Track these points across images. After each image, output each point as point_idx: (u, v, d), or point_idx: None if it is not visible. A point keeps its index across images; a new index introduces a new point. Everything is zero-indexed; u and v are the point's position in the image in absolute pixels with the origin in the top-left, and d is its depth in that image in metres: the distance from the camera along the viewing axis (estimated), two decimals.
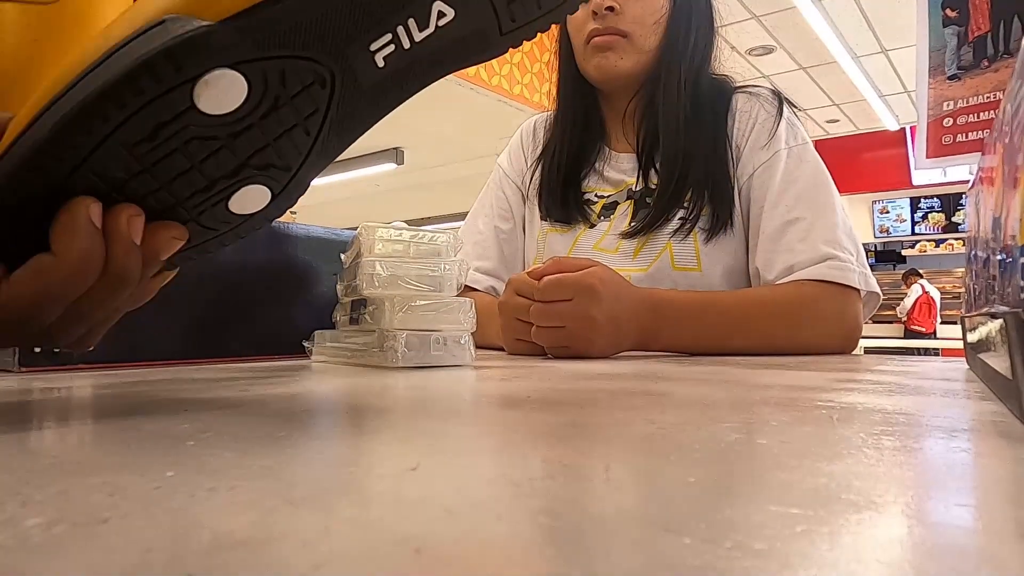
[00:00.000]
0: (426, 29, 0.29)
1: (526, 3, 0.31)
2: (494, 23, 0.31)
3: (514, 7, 0.31)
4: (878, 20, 4.16)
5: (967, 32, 0.53)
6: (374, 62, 0.28)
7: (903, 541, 0.12)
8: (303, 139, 0.28)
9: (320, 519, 0.13)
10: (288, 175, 0.28)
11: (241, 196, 0.27)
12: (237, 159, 0.26)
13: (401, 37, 0.28)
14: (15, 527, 0.12)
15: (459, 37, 0.30)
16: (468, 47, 0.31)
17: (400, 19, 0.28)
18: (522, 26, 0.32)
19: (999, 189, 0.28)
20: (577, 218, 0.91)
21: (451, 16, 0.29)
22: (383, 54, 0.28)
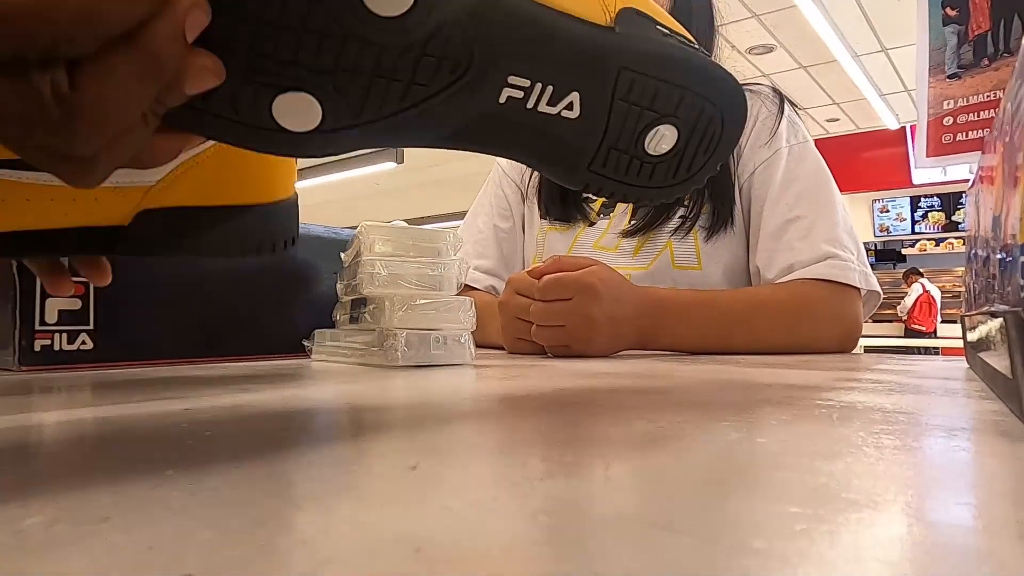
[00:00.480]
0: (551, 107, 0.29)
1: (621, 163, 0.31)
2: (590, 154, 0.31)
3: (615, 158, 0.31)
4: (878, 19, 4.16)
5: (967, 31, 0.53)
6: (498, 92, 0.28)
7: (903, 540, 0.12)
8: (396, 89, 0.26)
9: (320, 518, 0.13)
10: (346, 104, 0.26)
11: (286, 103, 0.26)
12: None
13: (533, 94, 0.28)
14: (15, 526, 0.12)
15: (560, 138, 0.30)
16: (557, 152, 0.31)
17: (548, 80, 0.28)
18: (605, 177, 0.32)
19: (999, 188, 0.28)
20: (576, 216, 0.91)
21: (575, 115, 0.29)
22: (509, 94, 0.28)
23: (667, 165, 0.32)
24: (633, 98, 0.30)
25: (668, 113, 0.30)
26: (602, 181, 0.32)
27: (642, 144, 0.31)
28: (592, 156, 0.31)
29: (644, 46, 0.29)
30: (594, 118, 0.30)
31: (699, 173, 0.34)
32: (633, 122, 0.30)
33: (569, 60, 0.28)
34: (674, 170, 0.33)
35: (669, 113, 0.30)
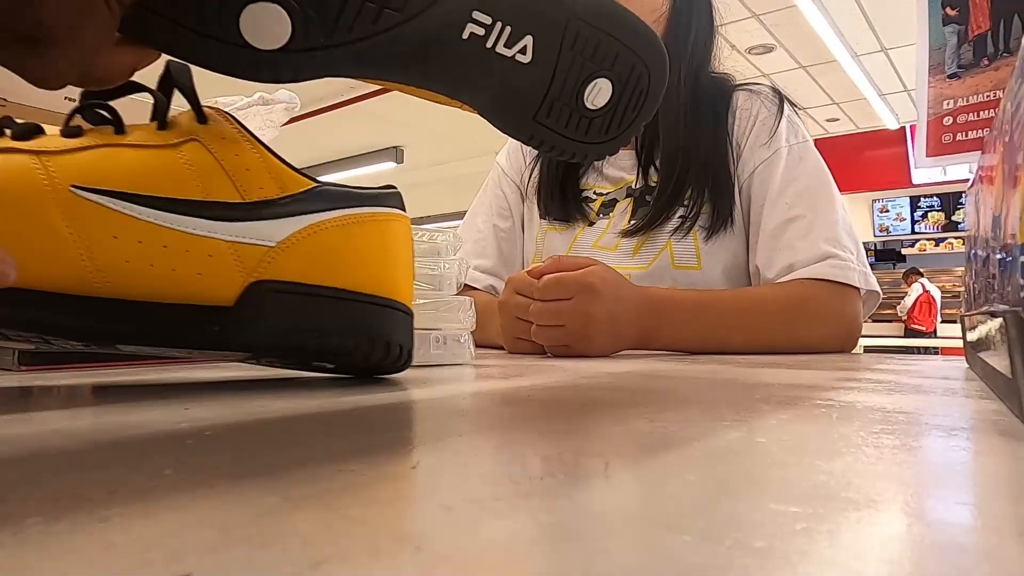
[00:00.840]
0: (507, 48, 0.31)
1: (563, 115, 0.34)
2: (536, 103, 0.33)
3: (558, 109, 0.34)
4: (878, 19, 4.16)
5: (967, 30, 0.53)
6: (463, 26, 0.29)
7: (903, 539, 0.12)
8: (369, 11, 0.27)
9: (320, 517, 0.13)
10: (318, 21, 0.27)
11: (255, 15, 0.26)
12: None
13: (493, 33, 0.30)
14: (15, 525, 0.12)
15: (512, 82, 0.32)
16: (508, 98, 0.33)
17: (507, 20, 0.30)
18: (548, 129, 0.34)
19: (999, 188, 0.28)
20: (576, 216, 0.91)
21: (527, 59, 0.32)
22: (472, 30, 0.30)
23: (601, 120, 0.35)
24: (578, 48, 0.32)
25: (606, 67, 0.33)
26: (545, 133, 0.34)
27: (581, 98, 0.33)
28: (538, 105, 0.33)
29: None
30: (543, 64, 0.32)
31: (628, 130, 0.36)
32: (576, 72, 0.33)
33: (528, 3, 0.31)
34: (607, 126, 0.35)
35: (606, 68, 0.33)
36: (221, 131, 0.31)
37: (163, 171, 0.29)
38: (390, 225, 0.35)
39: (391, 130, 4.57)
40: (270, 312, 0.31)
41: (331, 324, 0.32)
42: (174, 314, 0.30)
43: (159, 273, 0.29)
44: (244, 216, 0.30)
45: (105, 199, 0.28)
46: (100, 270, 0.28)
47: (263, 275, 0.31)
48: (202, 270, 0.30)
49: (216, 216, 0.30)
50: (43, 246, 0.27)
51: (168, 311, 0.30)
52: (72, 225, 0.27)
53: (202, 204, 0.30)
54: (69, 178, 0.28)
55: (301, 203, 0.32)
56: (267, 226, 0.31)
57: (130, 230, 0.28)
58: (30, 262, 0.27)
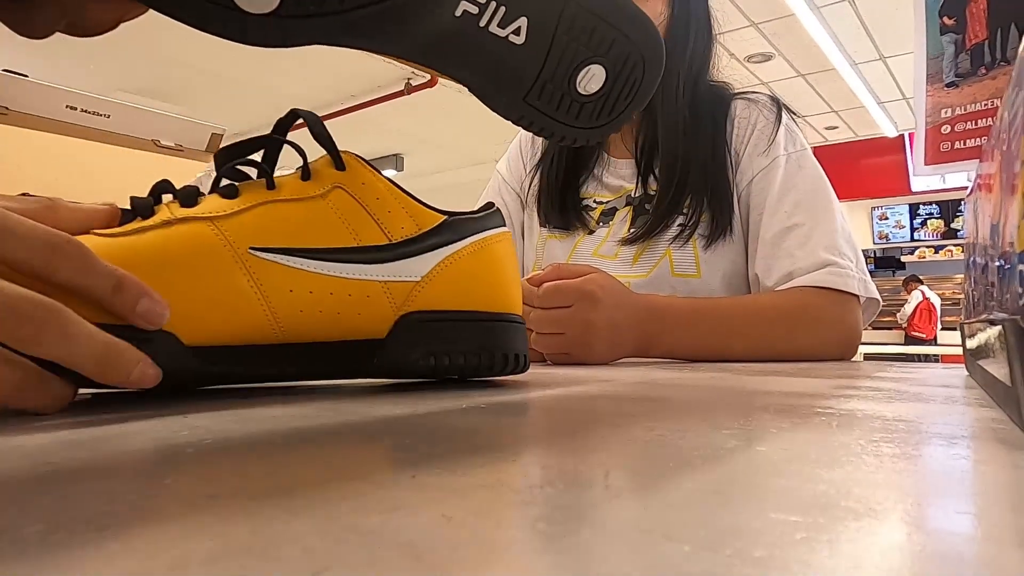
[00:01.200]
0: (501, 28, 0.31)
1: (554, 98, 0.34)
2: (528, 84, 0.33)
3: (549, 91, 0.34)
4: (876, 28, 4.18)
5: (964, 40, 0.53)
6: (456, 4, 0.29)
7: (903, 548, 0.12)
8: None
9: (320, 526, 0.13)
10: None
11: None
12: None
13: (487, 12, 0.30)
14: (13, 534, 0.12)
15: (504, 62, 0.32)
16: (499, 77, 0.33)
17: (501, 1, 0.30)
18: (538, 111, 0.34)
19: (997, 196, 0.28)
20: (576, 224, 0.91)
21: (521, 40, 0.31)
22: (465, 8, 0.30)
23: (593, 106, 0.35)
24: (573, 33, 0.32)
25: (600, 53, 0.33)
26: (534, 114, 0.35)
27: (574, 82, 0.34)
28: (529, 87, 0.33)
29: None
30: (537, 46, 0.32)
31: (619, 118, 0.36)
32: (570, 57, 0.33)
33: None
34: (598, 112, 0.35)
35: (601, 54, 0.33)
36: (360, 176, 0.35)
37: (319, 223, 0.33)
38: (501, 245, 0.39)
39: (391, 138, 4.59)
40: (419, 340, 0.35)
41: (468, 345, 0.36)
42: (338, 351, 0.33)
43: (326, 317, 0.32)
44: (392, 257, 0.34)
45: (280, 257, 0.31)
46: (279, 321, 0.31)
47: (411, 307, 0.34)
48: (361, 310, 0.33)
49: (369, 260, 0.33)
50: (235, 305, 0.30)
51: (332, 349, 0.33)
52: (255, 284, 0.31)
53: (357, 250, 0.33)
54: (246, 240, 0.31)
55: (436, 237, 0.36)
56: (412, 263, 0.34)
57: (303, 283, 0.32)
58: (224, 321, 0.30)
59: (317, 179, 0.34)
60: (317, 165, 0.35)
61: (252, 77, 3.48)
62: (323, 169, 0.34)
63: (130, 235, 0.30)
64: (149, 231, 0.30)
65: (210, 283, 0.30)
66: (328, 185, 0.34)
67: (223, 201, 0.32)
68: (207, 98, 3.86)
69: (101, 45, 3.05)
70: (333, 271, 0.32)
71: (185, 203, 0.32)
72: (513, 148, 1.04)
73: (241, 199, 0.32)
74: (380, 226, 0.34)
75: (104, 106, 0.79)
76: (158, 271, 0.29)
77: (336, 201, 0.34)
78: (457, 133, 4.37)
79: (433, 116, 3.93)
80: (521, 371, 0.40)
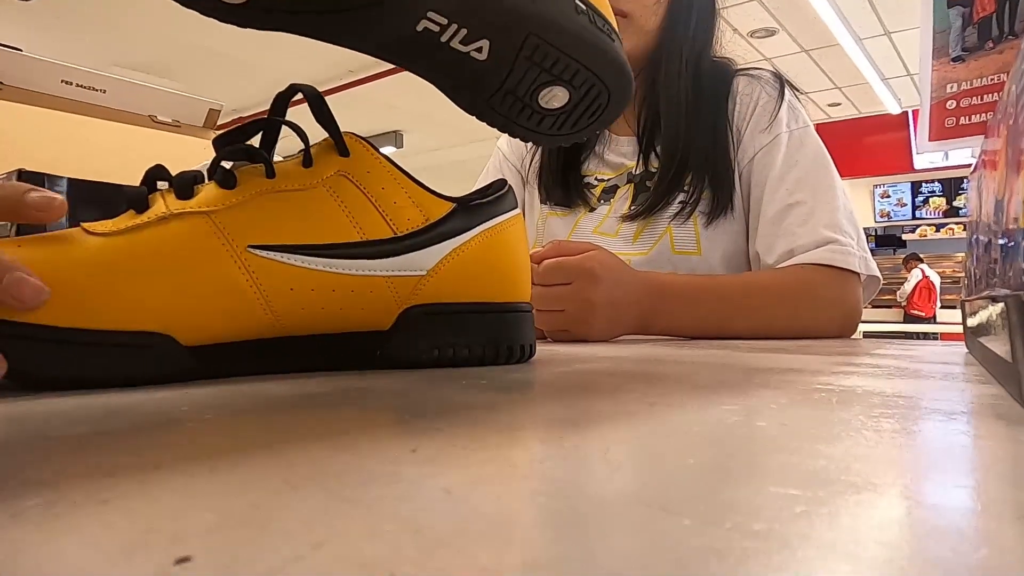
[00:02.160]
0: (463, 46, 0.31)
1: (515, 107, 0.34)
2: (491, 91, 0.34)
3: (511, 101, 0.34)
4: (882, 2, 4.12)
5: (972, 13, 0.52)
6: (416, 22, 0.30)
7: (902, 522, 0.12)
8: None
9: (320, 500, 0.13)
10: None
11: None
12: None
13: (448, 31, 0.30)
14: (14, 507, 0.12)
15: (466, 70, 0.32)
16: (460, 83, 0.34)
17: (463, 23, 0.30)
18: (499, 113, 0.35)
19: (1002, 172, 0.28)
20: (577, 201, 0.91)
21: (483, 57, 0.32)
22: (426, 26, 0.30)
23: (555, 118, 0.35)
24: (536, 59, 0.32)
25: (564, 79, 0.33)
26: (494, 115, 0.35)
27: (536, 97, 0.34)
28: (492, 93, 0.34)
29: (555, 19, 0.31)
30: (499, 65, 0.32)
31: (583, 131, 0.37)
32: (532, 77, 0.33)
33: (486, 14, 0.30)
34: (560, 124, 0.36)
35: (565, 80, 0.33)
36: (364, 163, 0.33)
37: (321, 216, 0.32)
38: (512, 231, 0.38)
39: (391, 115, 4.55)
40: (423, 333, 0.34)
41: (475, 337, 0.36)
42: (340, 344, 0.33)
43: (328, 313, 0.32)
44: (398, 250, 0.33)
45: (280, 255, 0.30)
46: (278, 318, 0.31)
47: (416, 300, 0.34)
48: (364, 306, 0.33)
49: (374, 254, 0.33)
50: (233, 305, 0.30)
51: (334, 341, 0.33)
52: (254, 282, 0.30)
53: (361, 244, 0.32)
54: (244, 237, 0.30)
55: (443, 228, 0.35)
56: (418, 257, 0.34)
57: (304, 280, 0.31)
58: (223, 321, 0.30)
59: (319, 165, 0.33)
60: (319, 149, 0.33)
61: (249, 53, 3.44)
62: (325, 154, 0.33)
63: (125, 233, 0.29)
64: (144, 229, 0.29)
65: (208, 283, 0.29)
66: (331, 172, 0.33)
67: (221, 192, 0.31)
68: (204, 74, 3.83)
69: (97, 20, 3.01)
70: (335, 268, 0.31)
71: (181, 194, 0.31)
72: None
73: (239, 189, 0.31)
74: (385, 218, 0.33)
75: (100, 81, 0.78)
76: (154, 272, 0.28)
77: (339, 190, 0.32)
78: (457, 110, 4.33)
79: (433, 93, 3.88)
80: (527, 359, 0.39)
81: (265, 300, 0.30)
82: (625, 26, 0.83)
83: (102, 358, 0.27)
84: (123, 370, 0.28)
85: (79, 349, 0.27)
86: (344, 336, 0.33)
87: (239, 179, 0.31)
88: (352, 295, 0.32)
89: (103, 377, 0.28)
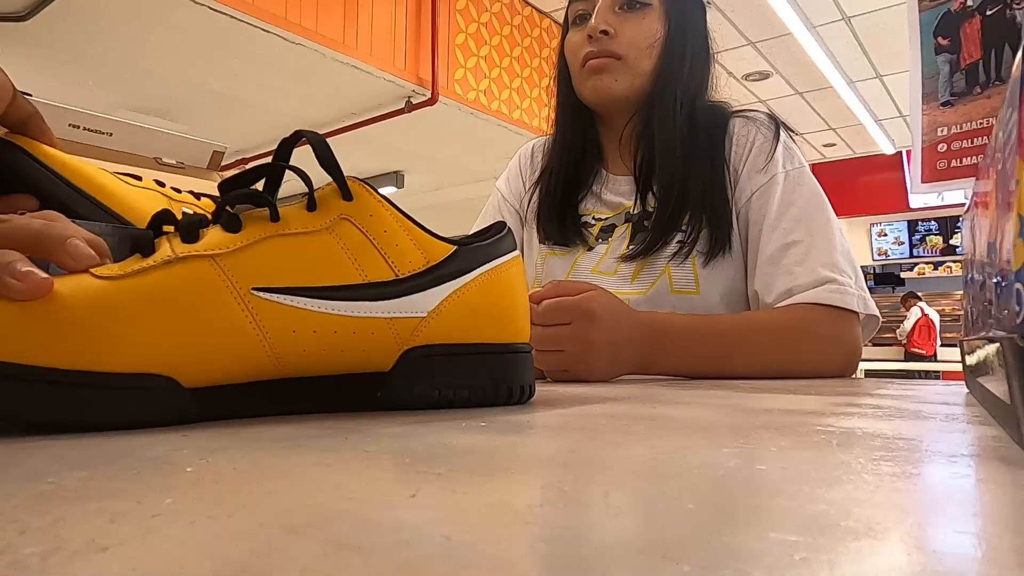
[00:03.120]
0: None
1: None
2: None
3: None
4: (872, 46, 4.22)
5: (959, 59, 0.53)
6: None
7: (902, 569, 0.12)
8: None
9: (319, 546, 0.13)
10: None
11: None
12: None
13: None
14: (13, 555, 0.12)
15: None
16: None
17: None
18: None
19: (993, 214, 0.28)
20: (575, 241, 0.91)
21: None
22: None
23: None
24: None
25: None
26: None
27: None
28: None
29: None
30: None
31: None
32: None
33: None
34: None
35: None
36: (367, 207, 0.34)
37: (325, 260, 0.32)
38: (511, 272, 0.39)
39: (392, 156, 4.61)
40: (424, 374, 0.34)
41: (475, 379, 0.36)
42: (340, 385, 0.34)
43: (330, 355, 0.32)
44: (399, 292, 0.34)
45: (283, 297, 0.31)
46: (280, 359, 0.31)
47: (416, 342, 0.34)
48: (366, 347, 0.33)
49: (375, 296, 0.33)
50: (236, 347, 0.30)
51: (335, 383, 0.33)
52: (257, 325, 0.30)
53: (363, 287, 0.33)
54: (248, 280, 0.30)
55: (444, 270, 0.35)
56: (419, 299, 0.34)
57: (306, 322, 0.31)
58: (225, 363, 0.30)
59: (323, 210, 0.33)
60: (323, 194, 0.34)
61: (252, 96, 3.50)
62: (329, 199, 0.34)
63: (130, 277, 0.29)
64: (150, 272, 0.29)
65: (212, 326, 0.29)
66: (334, 216, 0.33)
67: (225, 235, 0.31)
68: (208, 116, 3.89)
69: (105, 64, 3.08)
70: (337, 310, 0.32)
71: (186, 238, 0.31)
72: (513, 165, 1.05)
73: (244, 233, 0.31)
74: (387, 260, 0.34)
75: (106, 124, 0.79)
76: (158, 314, 0.29)
77: (342, 234, 0.33)
78: (457, 151, 4.40)
79: (433, 134, 3.95)
80: (526, 400, 0.39)
81: (268, 342, 0.30)
82: (619, 68, 0.85)
83: (103, 400, 0.27)
84: (124, 413, 0.28)
85: (80, 391, 0.27)
86: (345, 377, 0.33)
87: (244, 223, 0.32)
88: (353, 336, 0.32)
89: (103, 420, 0.27)
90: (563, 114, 0.95)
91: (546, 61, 3.94)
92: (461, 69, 3.52)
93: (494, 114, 3.67)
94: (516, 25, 3.84)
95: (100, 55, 2.91)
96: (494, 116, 3.68)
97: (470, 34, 3.57)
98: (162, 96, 3.53)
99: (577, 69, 0.88)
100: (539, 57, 3.96)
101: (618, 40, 0.84)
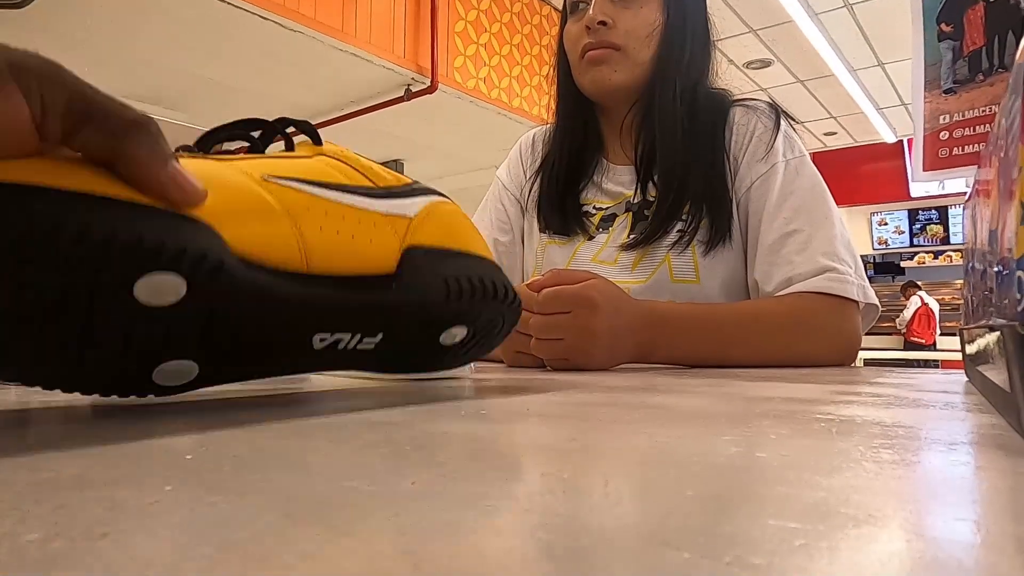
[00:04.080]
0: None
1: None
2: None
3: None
4: (874, 34, 4.19)
5: (962, 46, 0.53)
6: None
7: (902, 555, 0.12)
8: None
9: (318, 533, 0.13)
10: None
11: None
12: None
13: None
14: (13, 542, 0.12)
15: None
16: None
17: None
18: None
19: (995, 202, 0.28)
20: (576, 230, 0.91)
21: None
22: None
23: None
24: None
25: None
26: None
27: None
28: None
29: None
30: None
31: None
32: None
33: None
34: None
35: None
36: (337, 151, 0.38)
37: (314, 169, 0.35)
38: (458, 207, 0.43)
39: (391, 144, 4.59)
40: (427, 269, 0.37)
41: (470, 272, 0.39)
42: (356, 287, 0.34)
43: (343, 239, 0.34)
44: (385, 195, 0.37)
45: (293, 183, 0.33)
46: (306, 242, 0.32)
47: (412, 241, 0.37)
48: (372, 237, 0.35)
49: (368, 195, 0.36)
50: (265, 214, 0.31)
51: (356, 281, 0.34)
52: (278, 201, 0.31)
53: (355, 187, 0.36)
54: (260, 171, 0.32)
55: (416, 187, 0.39)
56: (403, 203, 0.37)
57: (318, 204, 0.33)
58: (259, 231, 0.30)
59: (300, 150, 0.37)
60: (298, 142, 0.37)
61: (251, 84, 3.49)
62: (304, 146, 0.37)
63: None
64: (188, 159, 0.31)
65: (241, 194, 0.30)
66: (312, 153, 0.37)
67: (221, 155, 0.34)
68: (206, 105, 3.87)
69: (101, 53, 3.06)
70: (341, 199, 0.34)
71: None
72: (513, 154, 1.04)
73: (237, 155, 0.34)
74: (366, 176, 0.37)
75: None
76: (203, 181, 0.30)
77: (327, 161, 0.36)
78: (457, 139, 4.38)
79: (433, 122, 3.93)
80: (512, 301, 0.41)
81: (289, 215, 0.31)
82: (618, 58, 0.85)
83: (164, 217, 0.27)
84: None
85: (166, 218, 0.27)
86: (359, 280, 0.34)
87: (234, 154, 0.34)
88: (360, 224, 0.34)
89: None
90: (563, 104, 0.95)
91: (546, 49, 3.92)
92: (461, 57, 3.50)
93: (494, 102, 3.66)
94: (516, 12, 3.81)
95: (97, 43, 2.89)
96: (494, 104, 3.66)
97: (469, 21, 3.55)
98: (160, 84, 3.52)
99: (576, 60, 0.88)
100: (539, 45, 3.94)
101: (616, 30, 0.84)
